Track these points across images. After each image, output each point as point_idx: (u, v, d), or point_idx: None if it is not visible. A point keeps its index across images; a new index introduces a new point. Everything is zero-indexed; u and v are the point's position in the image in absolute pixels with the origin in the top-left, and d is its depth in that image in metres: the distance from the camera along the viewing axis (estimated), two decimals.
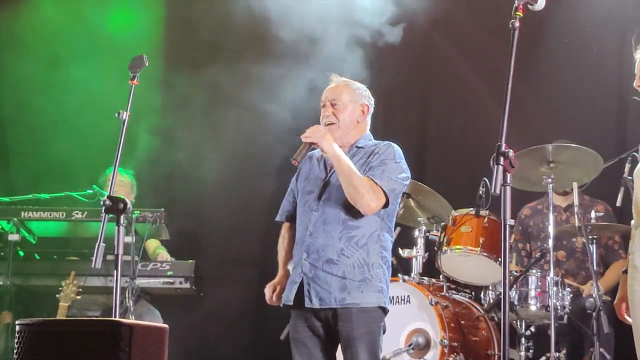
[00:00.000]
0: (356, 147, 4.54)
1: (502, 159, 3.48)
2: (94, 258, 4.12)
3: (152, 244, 6.75)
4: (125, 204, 4.16)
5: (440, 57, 7.45)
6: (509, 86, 3.58)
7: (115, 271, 4.11)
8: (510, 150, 3.48)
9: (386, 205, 4.38)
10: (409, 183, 4.59)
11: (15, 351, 3.22)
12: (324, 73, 4.70)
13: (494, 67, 6.60)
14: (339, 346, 4.49)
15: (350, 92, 4.56)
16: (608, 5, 6.83)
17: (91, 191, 6.56)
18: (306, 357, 4.42)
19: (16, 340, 3.22)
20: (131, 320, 4.60)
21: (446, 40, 7.45)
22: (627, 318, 4.47)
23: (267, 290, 4.58)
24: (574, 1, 6.81)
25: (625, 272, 4.50)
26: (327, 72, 4.71)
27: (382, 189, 4.32)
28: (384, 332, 4.44)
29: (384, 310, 4.41)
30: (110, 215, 4.21)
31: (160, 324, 3.28)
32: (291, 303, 4.41)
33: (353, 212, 4.36)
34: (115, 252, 4.14)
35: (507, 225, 3.48)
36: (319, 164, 4.56)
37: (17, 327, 3.23)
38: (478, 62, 7.23)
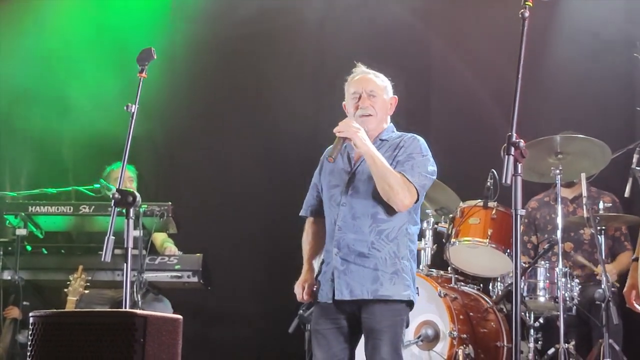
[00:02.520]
0: (380, 139, 4.50)
1: (513, 149, 3.47)
2: (103, 252, 4.10)
3: (159, 237, 6.75)
4: (135, 197, 4.15)
5: (445, 49, 7.45)
6: (519, 76, 3.56)
7: (125, 264, 4.09)
8: (521, 140, 3.47)
9: (416, 200, 4.40)
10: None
11: (29, 343, 3.22)
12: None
13: (500, 60, 6.60)
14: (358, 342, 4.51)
15: (382, 84, 4.54)
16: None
17: (98, 185, 6.56)
18: (325, 349, 4.41)
19: (30, 332, 3.22)
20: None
21: (450, 32, 7.45)
22: (637, 306, 4.46)
23: (298, 290, 4.51)
24: None
25: (636, 259, 4.49)
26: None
27: (414, 185, 4.32)
28: (407, 326, 4.44)
29: (411, 304, 4.42)
30: (118, 209, 4.19)
31: (174, 314, 3.26)
32: (331, 301, 4.37)
33: (382, 205, 4.35)
34: (125, 246, 4.12)
35: (519, 215, 3.48)
36: (342, 157, 4.51)
37: (31, 319, 3.23)
38: (485, 54, 7.23)
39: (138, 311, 3.07)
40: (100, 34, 7.51)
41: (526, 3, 3.63)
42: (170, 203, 6.25)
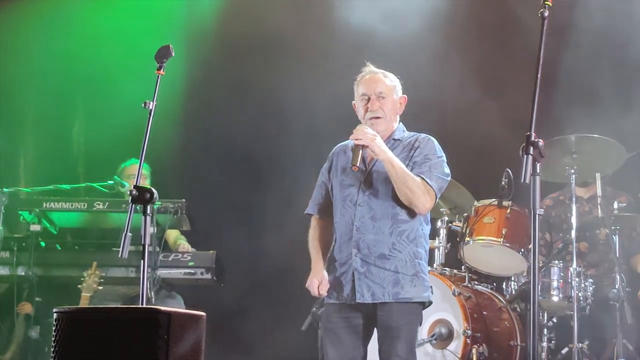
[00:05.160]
0: (393, 139, 4.51)
1: (531, 148, 3.47)
2: (120, 248, 4.10)
3: (172, 234, 6.77)
4: (152, 194, 4.15)
5: (461, 49, 7.45)
6: (539, 75, 3.56)
7: (142, 261, 4.09)
8: (540, 139, 3.47)
9: (434, 202, 4.43)
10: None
11: (52, 338, 3.22)
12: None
13: (516, 60, 6.60)
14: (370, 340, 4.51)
15: (391, 84, 4.53)
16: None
17: (112, 182, 6.57)
18: (338, 347, 4.42)
19: (53, 328, 3.22)
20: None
21: (466, 34, 7.45)
22: None
23: (312, 286, 4.47)
24: None
25: None
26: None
27: (433, 188, 4.35)
28: (420, 324, 4.45)
29: (428, 304, 4.45)
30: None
31: (195, 311, 3.27)
32: (354, 302, 4.37)
33: (401, 206, 4.36)
34: (142, 242, 4.12)
35: (537, 215, 3.48)
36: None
37: (54, 315, 3.23)
38: (498, 55, 7.23)
39: (162, 308, 3.07)
40: (116, 30, 7.52)
41: (545, 2, 3.62)
42: (184, 200, 6.26)
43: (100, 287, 6.08)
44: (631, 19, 6.72)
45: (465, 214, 6.15)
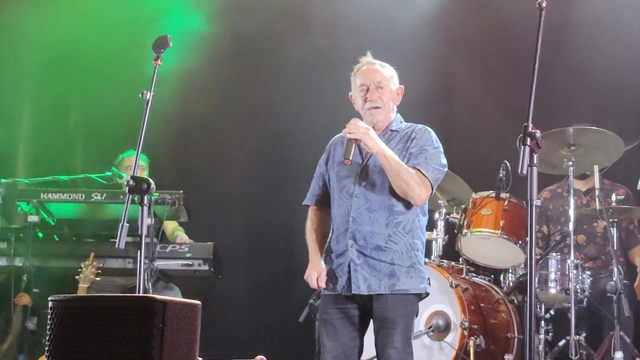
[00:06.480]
0: (390, 130, 4.51)
1: (529, 139, 3.47)
2: (117, 239, 4.10)
3: (170, 225, 6.78)
4: (149, 185, 4.15)
5: (463, 41, 7.44)
6: (536, 67, 3.56)
7: (138, 252, 4.09)
8: (537, 130, 3.47)
9: (430, 194, 4.42)
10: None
11: (48, 327, 3.22)
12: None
13: (517, 50, 6.59)
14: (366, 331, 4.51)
15: (389, 74, 4.54)
16: None
17: (110, 173, 6.56)
18: (334, 339, 4.42)
19: (49, 317, 3.22)
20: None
21: (469, 23, 7.45)
22: None
23: (311, 279, 4.47)
24: None
25: None
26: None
27: (429, 180, 4.34)
28: (416, 316, 4.44)
29: (425, 295, 4.44)
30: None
31: (192, 300, 3.27)
32: (350, 293, 4.37)
33: (397, 198, 4.36)
34: (139, 233, 4.12)
35: (534, 206, 3.47)
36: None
37: (50, 304, 3.23)
38: (500, 48, 7.23)
39: (157, 296, 3.06)
40: (113, 19, 7.52)
41: None
42: (181, 191, 6.25)
43: (97, 278, 6.07)
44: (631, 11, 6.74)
45: (463, 206, 6.15)
